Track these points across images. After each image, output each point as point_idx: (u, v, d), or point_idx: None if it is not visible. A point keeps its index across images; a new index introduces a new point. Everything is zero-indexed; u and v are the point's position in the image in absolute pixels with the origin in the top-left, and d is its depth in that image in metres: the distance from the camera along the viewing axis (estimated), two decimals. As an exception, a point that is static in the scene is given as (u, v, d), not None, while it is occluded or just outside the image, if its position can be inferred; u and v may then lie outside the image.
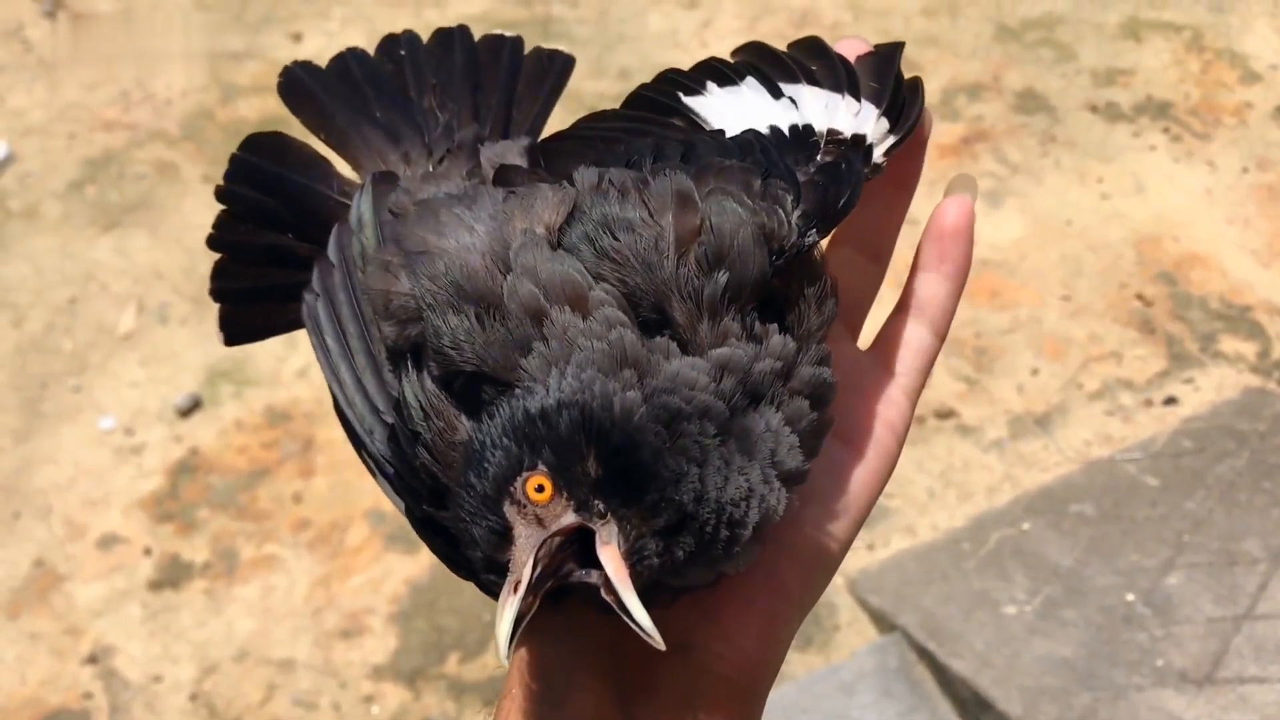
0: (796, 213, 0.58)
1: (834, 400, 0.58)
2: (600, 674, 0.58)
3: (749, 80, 0.68)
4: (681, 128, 0.68)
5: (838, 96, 0.65)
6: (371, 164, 0.71)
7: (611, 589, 0.51)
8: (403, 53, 0.76)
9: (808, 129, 0.64)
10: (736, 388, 0.54)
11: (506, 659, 0.51)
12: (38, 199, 2.91)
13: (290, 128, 0.76)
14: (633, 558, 0.52)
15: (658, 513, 0.52)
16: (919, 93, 0.65)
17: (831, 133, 0.63)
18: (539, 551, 0.52)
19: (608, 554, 0.51)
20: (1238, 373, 2.46)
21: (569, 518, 0.52)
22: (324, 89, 0.75)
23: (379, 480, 0.63)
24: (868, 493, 0.63)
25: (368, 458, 0.63)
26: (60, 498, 2.33)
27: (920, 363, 0.65)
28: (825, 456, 0.59)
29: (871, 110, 0.64)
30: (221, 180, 0.73)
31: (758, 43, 0.71)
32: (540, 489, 0.52)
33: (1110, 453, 2.30)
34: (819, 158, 0.62)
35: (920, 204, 0.66)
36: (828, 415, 0.58)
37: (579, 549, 0.52)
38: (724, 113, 0.67)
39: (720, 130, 0.66)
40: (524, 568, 0.52)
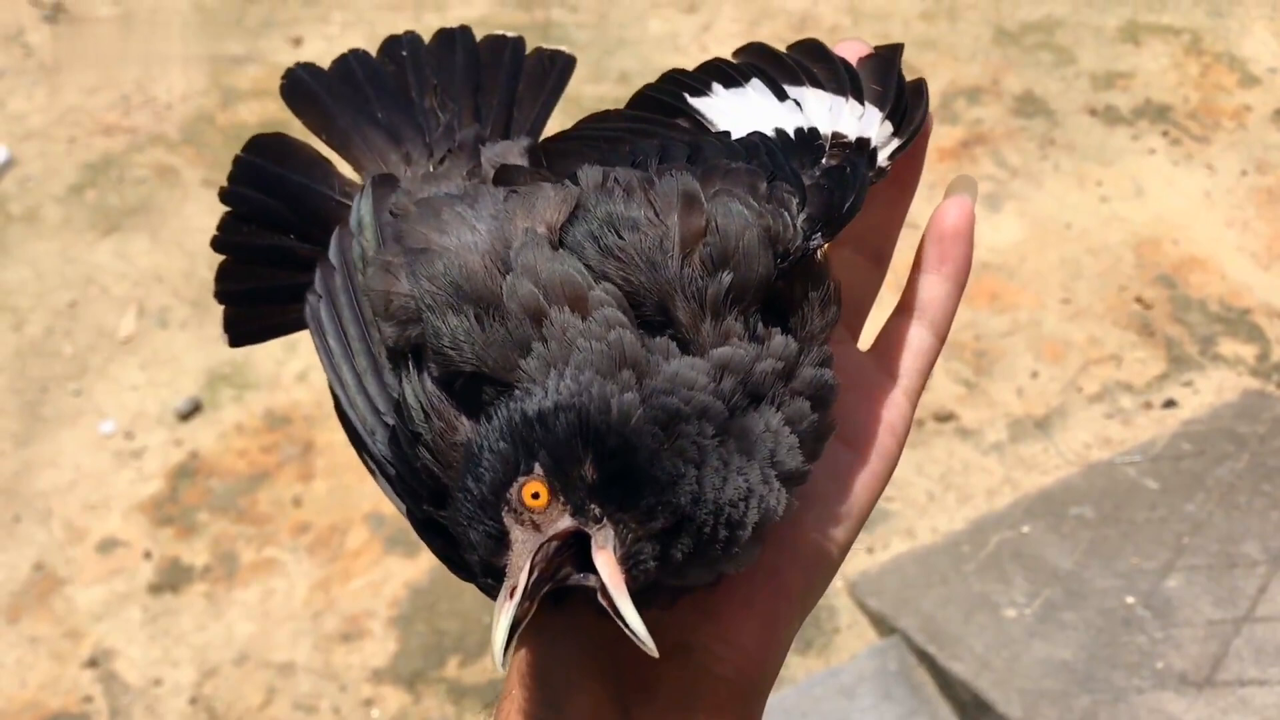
0: (801, 216, 0.58)
1: (836, 402, 0.58)
2: (599, 675, 0.58)
3: (754, 82, 0.68)
4: (687, 129, 0.68)
5: (841, 99, 0.65)
6: (373, 165, 0.71)
7: (607, 594, 0.51)
8: (404, 53, 0.76)
9: (813, 132, 0.64)
10: (737, 387, 0.54)
11: (502, 665, 0.51)
12: (38, 203, 2.91)
13: (291, 131, 0.76)
14: (628, 562, 0.52)
15: (654, 516, 0.52)
16: (923, 96, 0.65)
17: (836, 136, 0.63)
18: (535, 556, 0.52)
19: (603, 559, 0.51)
20: (1237, 375, 2.46)
21: (565, 522, 0.52)
22: (327, 91, 0.75)
23: (380, 482, 0.63)
24: (868, 494, 0.62)
25: (369, 459, 0.63)
26: (60, 501, 2.33)
27: (921, 364, 0.65)
28: (826, 458, 0.59)
29: (875, 114, 0.64)
30: (224, 183, 0.73)
31: (759, 44, 0.71)
32: (536, 495, 0.52)
33: (1110, 455, 2.30)
34: (824, 161, 0.62)
35: (920, 207, 0.66)
36: (830, 417, 0.58)
37: (577, 552, 0.52)
38: (729, 114, 0.67)
39: (726, 132, 0.66)
40: (520, 573, 0.52)
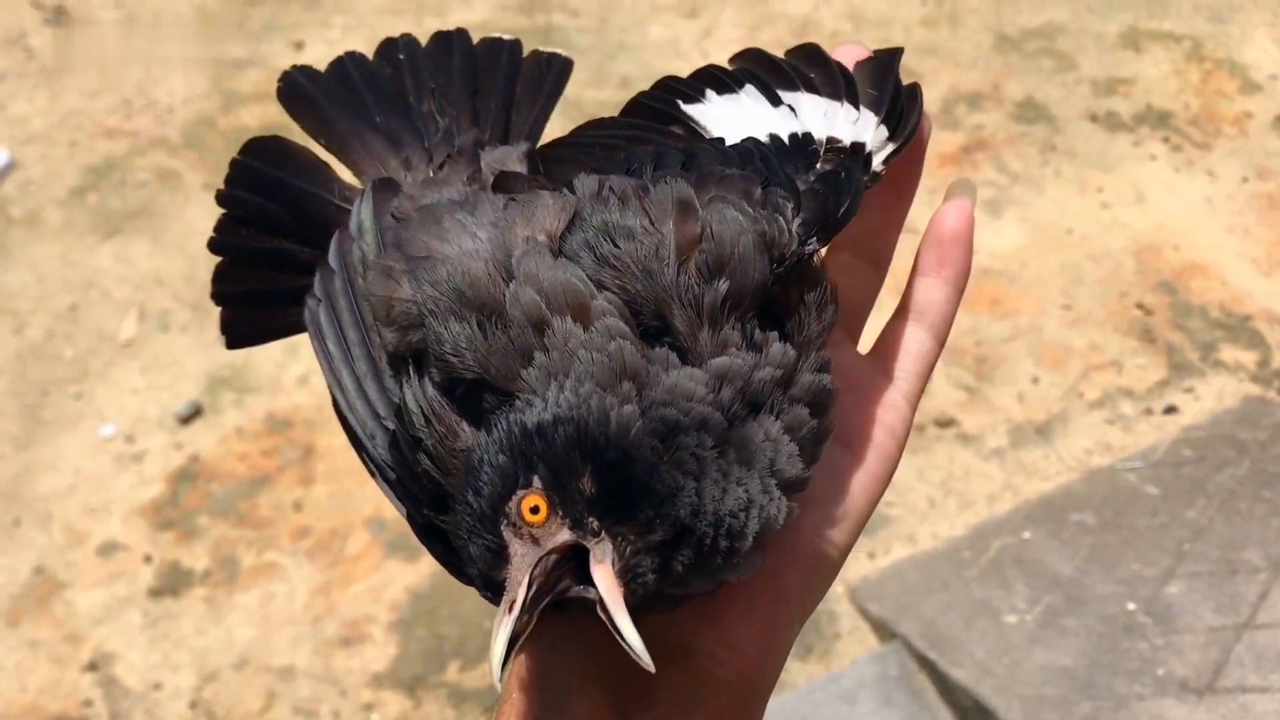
0: (797, 221, 0.58)
1: (834, 407, 0.58)
2: (599, 680, 0.58)
3: (748, 88, 0.68)
4: (681, 136, 0.68)
5: (837, 104, 0.65)
6: (372, 169, 0.71)
7: (605, 608, 0.51)
8: (401, 56, 0.76)
9: (807, 137, 0.64)
10: (735, 397, 0.54)
11: (499, 680, 0.51)
12: (39, 206, 2.91)
13: (291, 134, 0.76)
14: (626, 575, 0.52)
15: (653, 528, 0.52)
16: (918, 99, 0.65)
17: (831, 141, 0.63)
18: (534, 570, 0.52)
19: (600, 573, 0.51)
20: (1238, 382, 2.46)
21: (564, 535, 0.52)
22: (324, 94, 0.75)
23: (380, 485, 0.63)
24: (868, 497, 0.62)
25: (369, 462, 0.63)
26: (61, 505, 2.33)
27: (920, 367, 0.65)
28: (825, 461, 0.59)
29: (870, 118, 0.64)
30: (222, 185, 0.73)
31: (756, 49, 0.71)
32: (535, 510, 0.52)
33: (1111, 461, 2.30)
34: (819, 166, 0.62)
35: (920, 211, 0.66)
36: (828, 422, 0.58)
37: (576, 564, 0.52)
38: (723, 121, 0.67)
39: (720, 138, 0.66)
40: (519, 587, 0.52)
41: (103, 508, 2.32)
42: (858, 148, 0.62)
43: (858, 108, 0.65)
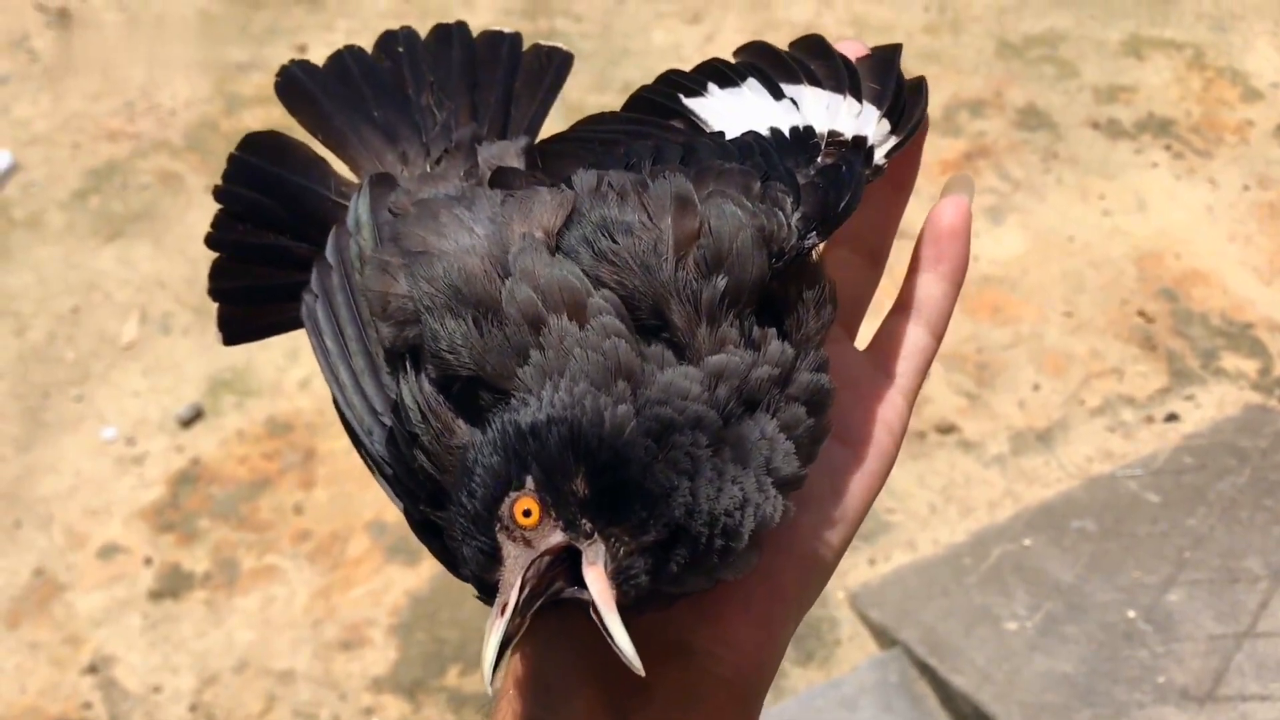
0: (796, 215, 0.57)
1: (831, 405, 0.58)
2: (595, 678, 0.58)
3: (750, 81, 0.68)
4: (681, 130, 0.68)
5: (839, 97, 0.65)
6: (369, 164, 0.71)
7: (597, 610, 0.51)
8: (400, 50, 0.76)
9: (809, 130, 0.63)
10: (731, 395, 0.54)
11: (490, 684, 0.51)
12: (41, 208, 2.91)
13: (294, 135, 0.76)
14: (619, 577, 0.52)
15: (646, 529, 0.51)
16: (921, 93, 0.65)
17: (832, 134, 0.63)
18: (527, 572, 0.52)
19: (593, 575, 0.51)
20: (1239, 390, 2.46)
21: (556, 537, 0.52)
22: (321, 88, 0.75)
23: (379, 480, 0.63)
24: (865, 494, 0.62)
25: (367, 458, 0.63)
26: (61, 507, 2.33)
27: (918, 364, 0.65)
28: (822, 458, 0.59)
29: (873, 111, 0.64)
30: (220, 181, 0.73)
31: (760, 42, 0.71)
32: (528, 513, 0.52)
33: (1111, 469, 2.30)
34: (819, 160, 0.61)
35: (919, 214, 0.66)
36: (825, 421, 0.58)
37: (570, 565, 0.52)
38: (724, 114, 0.67)
39: (720, 132, 0.66)
40: (511, 589, 0.52)
41: (103, 510, 2.32)
42: (859, 141, 0.62)
43: (860, 101, 0.64)
